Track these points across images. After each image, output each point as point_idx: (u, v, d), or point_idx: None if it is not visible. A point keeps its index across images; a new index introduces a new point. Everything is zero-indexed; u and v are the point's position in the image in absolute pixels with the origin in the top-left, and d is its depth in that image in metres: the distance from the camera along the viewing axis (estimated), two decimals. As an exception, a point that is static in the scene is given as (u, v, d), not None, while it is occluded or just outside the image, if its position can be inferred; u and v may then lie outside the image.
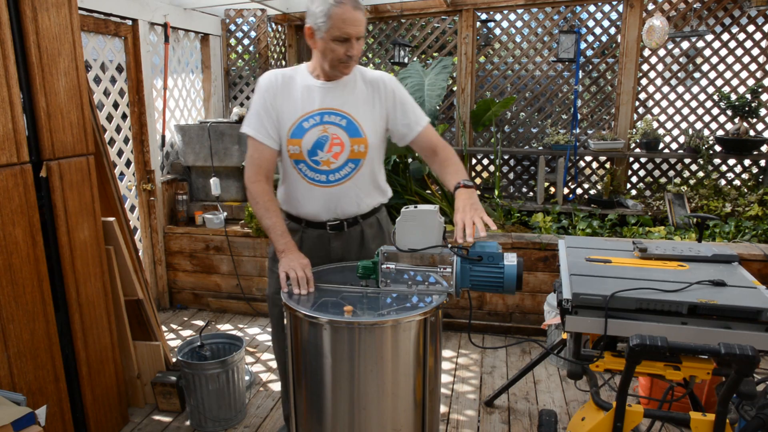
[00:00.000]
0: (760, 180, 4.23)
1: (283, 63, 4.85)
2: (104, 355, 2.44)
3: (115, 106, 3.53)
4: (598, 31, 4.42)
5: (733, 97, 4.10)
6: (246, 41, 4.56)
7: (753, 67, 4.17)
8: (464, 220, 1.61)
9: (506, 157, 4.80)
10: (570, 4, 4.31)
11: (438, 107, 4.32)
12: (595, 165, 4.77)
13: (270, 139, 1.88)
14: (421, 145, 1.96)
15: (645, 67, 4.37)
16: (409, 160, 4.22)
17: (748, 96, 4.02)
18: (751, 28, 4.12)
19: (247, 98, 4.62)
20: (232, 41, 4.55)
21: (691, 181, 4.32)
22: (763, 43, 4.15)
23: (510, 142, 4.79)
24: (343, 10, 1.71)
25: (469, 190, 1.72)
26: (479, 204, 1.68)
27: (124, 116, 3.61)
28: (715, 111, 4.35)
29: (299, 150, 1.86)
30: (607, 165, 4.64)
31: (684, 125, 4.43)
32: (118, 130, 3.57)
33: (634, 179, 4.63)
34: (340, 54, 1.78)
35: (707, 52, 4.27)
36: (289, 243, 1.83)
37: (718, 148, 4.18)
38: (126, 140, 3.65)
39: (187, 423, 2.61)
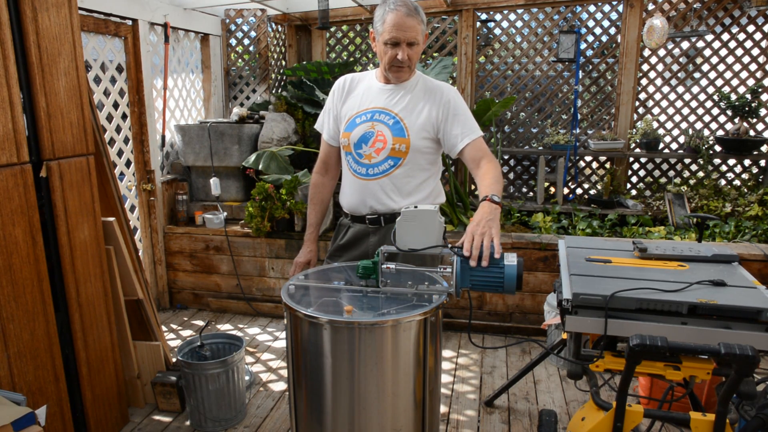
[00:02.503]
0: (760, 180, 4.23)
1: (283, 63, 4.85)
2: (104, 355, 2.44)
3: (115, 106, 3.53)
4: (598, 31, 4.42)
5: (733, 97, 4.10)
6: (246, 41, 4.56)
7: (753, 67, 4.17)
8: (474, 234, 1.57)
9: (506, 157, 4.80)
10: (570, 4, 4.31)
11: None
12: (595, 165, 4.77)
13: (328, 135, 2.16)
14: (467, 157, 1.96)
15: (645, 67, 4.37)
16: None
17: (748, 96, 4.02)
18: (751, 28, 4.12)
19: (247, 98, 4.63)
20: (232, 41, 4.55)
21: (691, 181, 4.32)
22: (763, 43, 4.15)
23: (510, 142, 4.78)
24: (395, 15, 1.84)
25: (492, 205, 1.67)
26: (497, 223, 1.63)
27: (124, 116, 3.61)
28: (715, 111, 4.35)
29: (348, 142, 2.02)
30: (607, 165, 4.64)
31: (684, 125, 4.43)
32: (118, 130, 3.57)
33: (634, 179, 4.63)
34: (391, 57, 1.90)
35: (707, 52, 4.27)
36: (308, 235, 2.20)
37: (718, 148, 4.18)
38: (126, 140, 3.65)
39: (187, 423, 2.62)
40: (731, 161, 4.36)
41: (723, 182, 4.38)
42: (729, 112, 4.20)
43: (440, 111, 1.96)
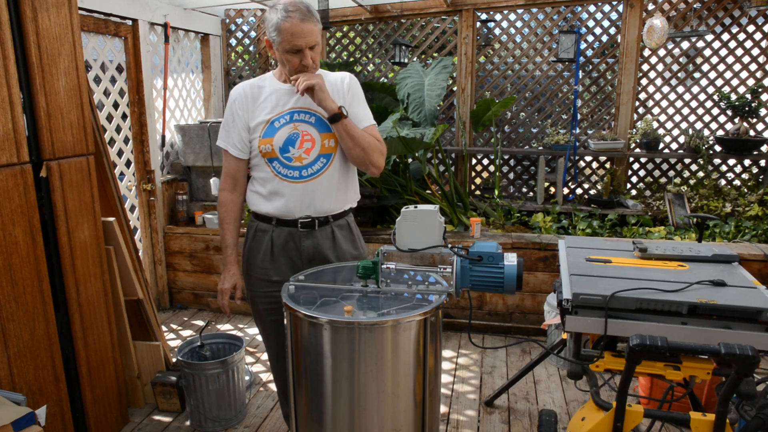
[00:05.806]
0: (760, 180, 4.23)
1: (283, 63, 4.84)
2: (104, 355, 2.44)
3: (115, 106, 3.53)
4: (598, 31, 4.42)
5: (733, 97, 4.10)
6: (246, 41, 4.56)
7: (753, 67, 4.17)
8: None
9: (506, 157, 4.80)
10: (570, 4, 4.31)
11: (438, 107, 4.32)
12: (595, 165, 4.77)
13: (236, 149, 2.00)
14: None
15: (645, 67, 4.37)
16: (409, 160, 4.23)
17: (748, 96, 4.02)
18: (751, 28, 4.12)
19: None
20: (232, 41, 4.55)
21: (691, 181, 4.31)
22: (763, 43, 4.15)
23: (510, 142, 4.78)
24: (290, 24, 1.79)
25: (334, 105, 1.87)
26: (327, 93, 1.85)
27: (124, 116, 3.61)
28: (715, 111, 4.34)
29: (271, 148, 1.93)
30: (607, 165, 4.64)
31: (684, 125, 4.43)
32: (118, 130, 3.57)
33: (634, 179, 4.62)
34: (295, 64, 1.87)
35: (707, 52, 4.27)
36: (228, 258, 2.07)
37: (718, 148, 4.17)
38: (126, 140, 3.65)
39: (187, 423, 2.62)
40: (731, 161, 4.36)
41: (723, 182, 4.38)
42: (729, 112, 4.20)
43: (345, 98, 1.98)
